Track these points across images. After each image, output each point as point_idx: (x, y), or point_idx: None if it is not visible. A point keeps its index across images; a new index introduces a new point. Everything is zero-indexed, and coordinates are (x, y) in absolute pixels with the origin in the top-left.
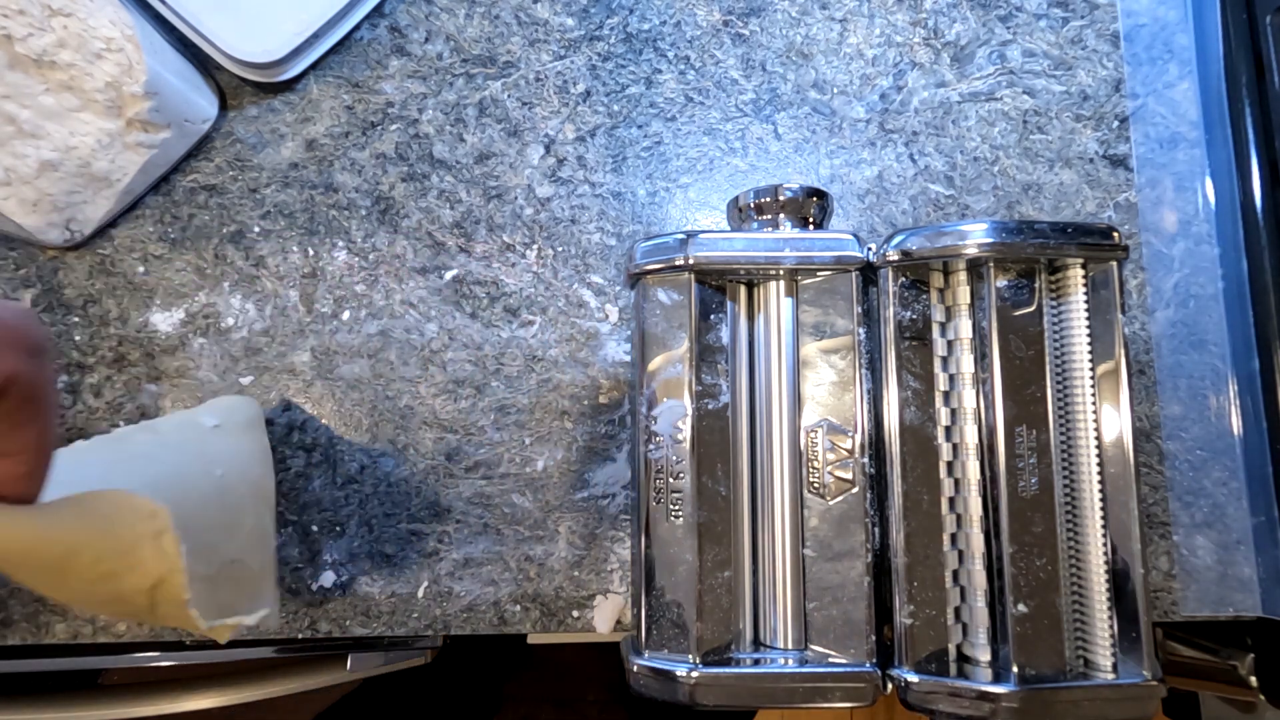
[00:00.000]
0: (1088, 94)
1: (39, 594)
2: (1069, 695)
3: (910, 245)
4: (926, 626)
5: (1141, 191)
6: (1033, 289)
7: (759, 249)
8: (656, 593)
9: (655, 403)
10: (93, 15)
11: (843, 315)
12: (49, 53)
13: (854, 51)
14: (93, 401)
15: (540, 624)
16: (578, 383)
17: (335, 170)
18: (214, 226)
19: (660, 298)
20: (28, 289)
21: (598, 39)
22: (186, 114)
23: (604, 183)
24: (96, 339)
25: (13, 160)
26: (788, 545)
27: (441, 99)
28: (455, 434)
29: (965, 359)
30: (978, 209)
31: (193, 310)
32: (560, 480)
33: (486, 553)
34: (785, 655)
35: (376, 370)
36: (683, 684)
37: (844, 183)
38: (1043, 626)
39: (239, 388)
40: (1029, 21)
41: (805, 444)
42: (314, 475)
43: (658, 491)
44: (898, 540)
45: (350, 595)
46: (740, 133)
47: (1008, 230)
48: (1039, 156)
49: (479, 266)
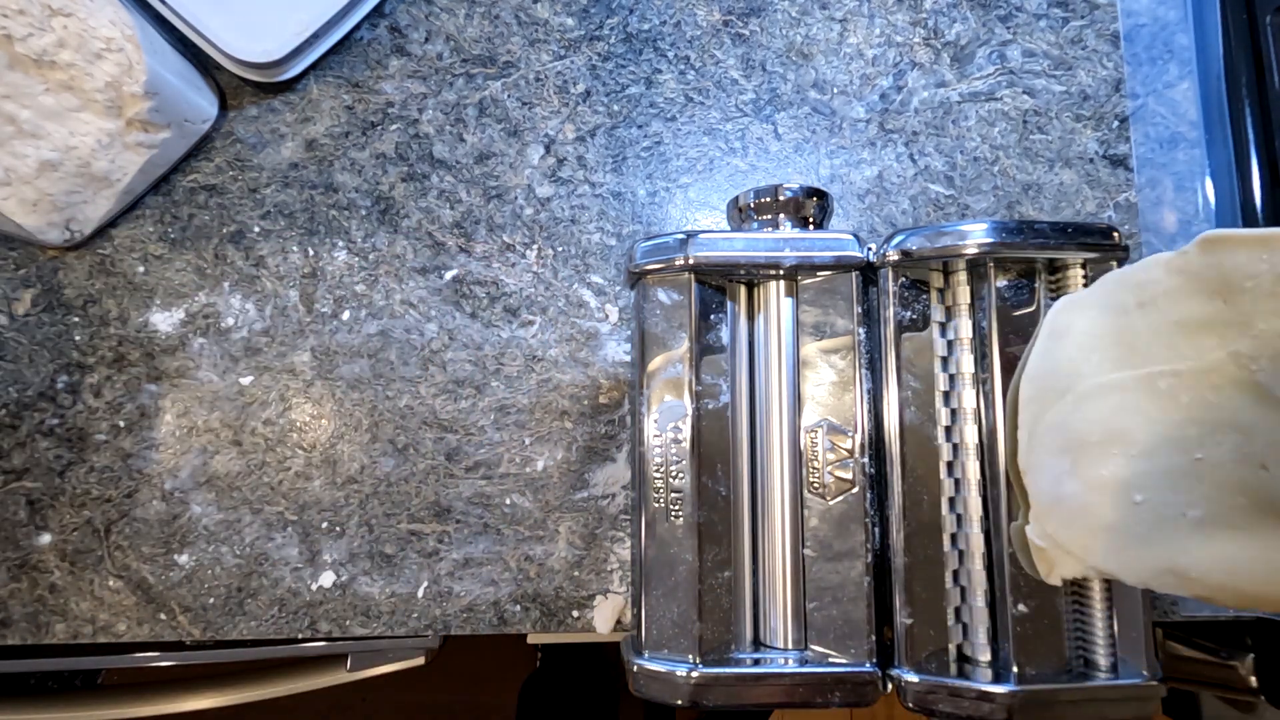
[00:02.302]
0: (1088, 94)
1: (39, 592)
2: (1069, 695)
3: (910, 245)
4: (926, 626)
5: (1141, 191)
6: (1033, 289)
7: (759, 249)
8: (656, 593)
9: (655, 403)
10: (93, 15)
11: (843, 315)
12: (49, 53)
13: (854, 51)
14: (93, 401)
15: (540, 624)
16: (578, 383)
17: (335, 170)
18: (214, 226)
19: (660, 298)
20: (28, 289)
21: (598, 39)
22: (186, 114)
23: (604, 183)
24: (96, 339)
25: (13, 160)
26: (788, 545)
27: (441, 99)
28: (455, 434)
29: (965, 359)
30: (978, 209)
31: (193, 310)
32: (560, 480)
33: (486, 553)
34: (785, 655)
35: (376, 370)
36: (683, 684)
37: (844, 183)
38: (1043, 626)
39: (239, 387)
40: (1029, 21)
41: (805, 444)
42: (314, 475)
43: (658, 491)
44: (898, 540)
45: (350, 595)
46: (740, 133)
47: (1008, 230)
48: (1039, 156)
49: (479, 266)
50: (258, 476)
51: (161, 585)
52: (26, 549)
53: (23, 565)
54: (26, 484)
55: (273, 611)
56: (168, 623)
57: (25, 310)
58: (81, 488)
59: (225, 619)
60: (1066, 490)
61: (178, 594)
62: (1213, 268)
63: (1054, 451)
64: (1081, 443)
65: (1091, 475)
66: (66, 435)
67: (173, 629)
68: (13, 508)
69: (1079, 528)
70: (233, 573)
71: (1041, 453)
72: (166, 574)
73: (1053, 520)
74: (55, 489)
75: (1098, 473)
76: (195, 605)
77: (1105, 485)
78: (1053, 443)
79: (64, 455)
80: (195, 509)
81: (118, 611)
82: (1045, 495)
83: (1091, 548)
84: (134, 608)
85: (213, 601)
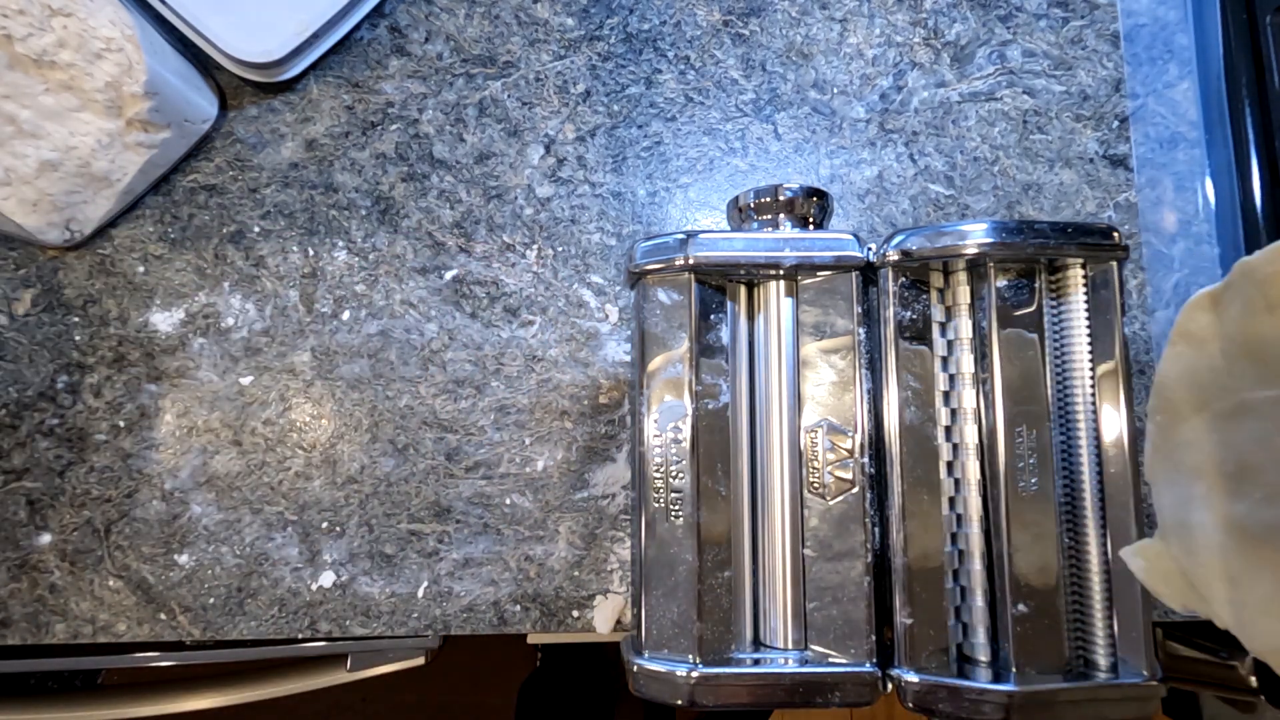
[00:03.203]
0: (1088, 94)
1: (39, 592)
2: (1069, 695)
3: (910, 245)
4: (926, 626)
5: (1141, 191)
6: (1033, 289)
7: (759, 249)
8: (656, 593)
9: (655, 403)
10: (93, 15)
11: (843, 315)
12: (49, 53)
13: (854, 51)
14: (93, 401)
15: (540, 624)
16: (578, 383)
17: (335, 170)
18: (214, 226)
19: (660, 298)
20: (28, 289)
21: (598, 39)
22: (186, 114)
23: (604, 183)
24: (96, 339)
25: (13, 160)
26: (788, 545)
27: (441, 99)
28: (455, 434)
29: (965, 359)
30: (978, 209)
31: (193, 310)
32: (560, 480)
33: (486, 553)
34: (785, 655)
35: (376, 370)
36: (683, 684)
37: (844, 183)
38: (1043, 626)
39: (239, 387)
40: (1029, 21)
41: (805, 444)
42: (314, 475)
43: (658, 491)
44: (897, 540)
45: (350, 595)
46: (740, 133)
47: (1008, 230)
48: (1039, 156)
49: (479, 266)
50: (258, 476)
51: (161, 585)
52: (26, 549)
53: (23, 565)
54: (26, 484)
55: (273, 611)
56: (168, 623)
57: (25, 310)
58: (81, 488)
59: (225, 619)
60: (1195, 519)
61: (178, 594)
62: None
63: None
64: (1218, 469)
65: (1223, 511)
66: (66, 435)
67: (173, 629)
68: (13, 508)
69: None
70: (233, 573)
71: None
72: (166, 574)
73: (1177, 545)
74: (55, 489)
75: (1231, 509)
76: (195, 605)
77: (1236, 527)
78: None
79: (64, 455)
80: (195, 509)
81: (118, 611)
82: (1170, 516)
83: (1216, 593)
84: (134, 608)
85: (213, 601)
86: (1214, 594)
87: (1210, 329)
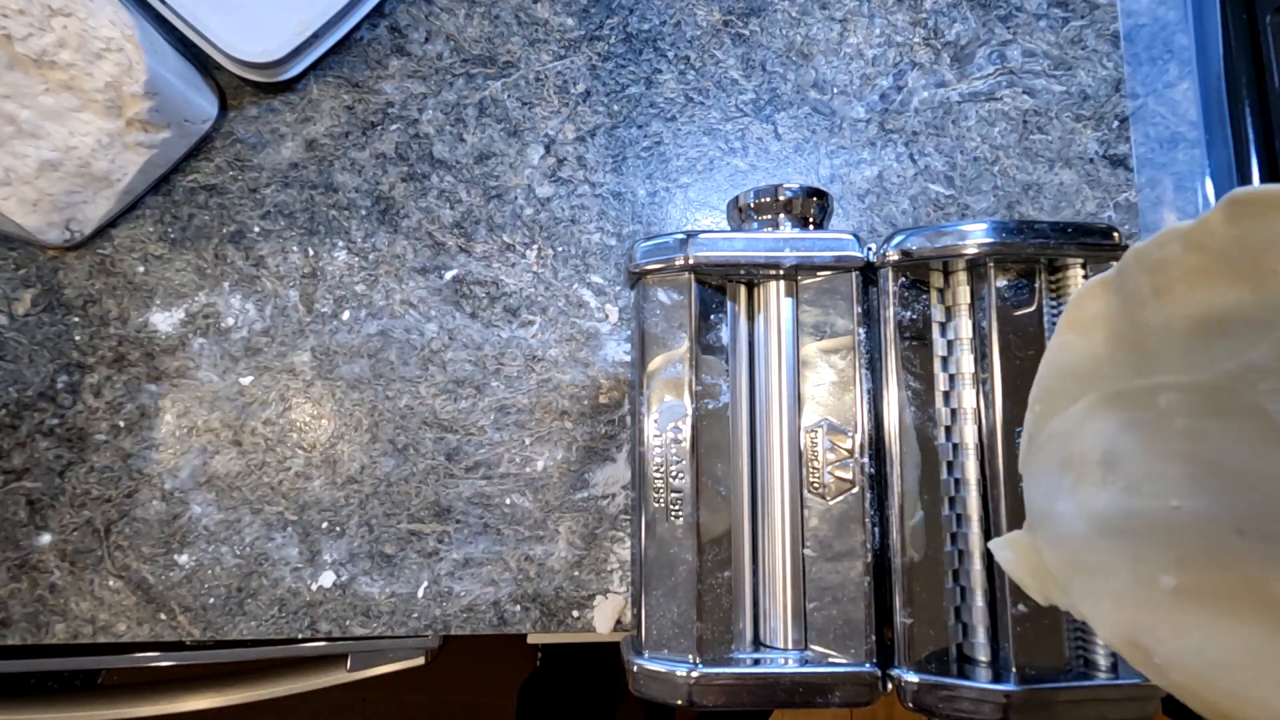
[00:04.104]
0: (1088, 94)
1: (39, 592)
2: (1069, 695)
3: (910, 245)
4: (926, 626)
5: (1141, 191)
6: (1033, 289)
7: (759, 249)
8: (656, 593)
9: (655, 403)
10: (93, 15)
11: (843, 315)
12: (49, 53)
13: (854, 51)
14: (93, 401)
15: (540, 624)
16: (578, 383)
17: (335, 170)
18: (214, 226)
19: (660, 298)
20: (28, 289)
21: (598, 39)
22: (186, 114)
23: (604, 183)
24: (96, 339)
25: (13, 160)
26: (788, 545)
27: (441, 99)
28: (455, 434)
29: (965, 359)
30: (978, 209)
31: (193, 310)
32: (560, 480)
33: (486, 553)
34: (785, 655)
35: (376, 370)
36: (683, 684)
37: (844, 183)
38: (1043, 626)
39: (239, 387)
40: (1029, 21)
41: (805, 444)
42: (314, 475)
43: (658, 491)
44: (897, 540)
45: (350, 595)
46: (740, 133)
47: (1008, 230)
48: (1039, 156)
49: (479, 266)
50: (258, 476)
51: (161, 585)
52: (26, 549)
53: (23, 565)
54: (26, 484)
55: (273, 611)
56: (168, 623)
57: (25, 310)
58: (81, 488)
59: (225, 619)
60: (1059, 509)
61: (178, 594)
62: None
63: (1055, 463)
64: (1084, 460)
65: (1087, 501)
66: (66, 435)
67: (173, 629)
68: (13, 508)
69: (1064, 555)
70: (233, 573)
71: (1041, 460)
72: (166, 574)
73: (1041, 537)
74: (55, 489)
75: (1094, 500)
76: (195, 605)
77: (1097, 518)
78: (1055, 453)
79: (64, 455)
80: (195, 509)
81: (118, 611)
82: (1038, 507)
83: (1072, 583)
84: (134, 608)
85: (213, 601)
86: (1073, 585)
87: (1099, 318)
